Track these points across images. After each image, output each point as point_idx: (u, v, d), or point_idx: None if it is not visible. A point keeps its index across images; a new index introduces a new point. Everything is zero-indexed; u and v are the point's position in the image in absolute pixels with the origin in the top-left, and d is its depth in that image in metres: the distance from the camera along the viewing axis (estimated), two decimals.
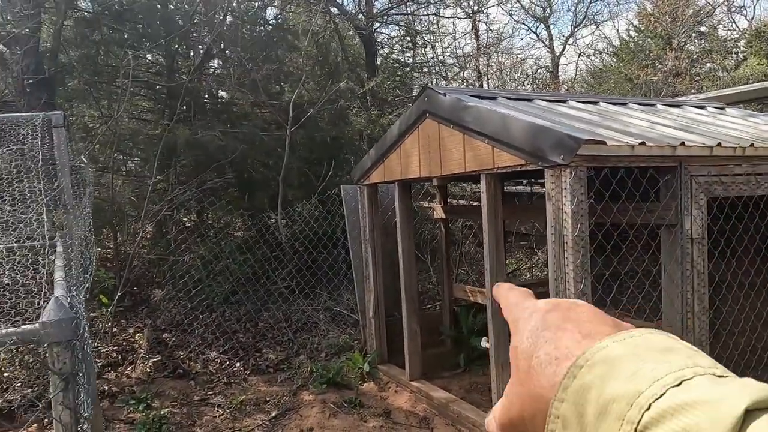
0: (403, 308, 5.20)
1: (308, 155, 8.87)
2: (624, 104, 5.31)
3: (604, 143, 3.17)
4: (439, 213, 6.11)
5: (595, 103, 5.10)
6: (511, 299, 0.56)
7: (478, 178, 4.15)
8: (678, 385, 0.36)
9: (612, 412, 0.37)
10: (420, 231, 7.58)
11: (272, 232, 7.06)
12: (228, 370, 5.68)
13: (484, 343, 5.37)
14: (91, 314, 6.90)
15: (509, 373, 0.50)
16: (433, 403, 4.82)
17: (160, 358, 5.79)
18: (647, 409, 0.35)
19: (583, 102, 4.90)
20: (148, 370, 5.59)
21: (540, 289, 6.12)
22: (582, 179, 3.25)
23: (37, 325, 2.13)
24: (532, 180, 7.48)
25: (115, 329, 6.54)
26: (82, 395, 2.33)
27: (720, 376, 0.36)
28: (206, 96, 10.09)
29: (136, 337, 6.31)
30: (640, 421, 0.35)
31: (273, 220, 7.72)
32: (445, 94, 4.26)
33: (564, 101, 4.86)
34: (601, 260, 4.76)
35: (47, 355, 2.16)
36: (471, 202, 8.60)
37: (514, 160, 3.65)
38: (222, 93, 10.28)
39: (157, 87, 8.71)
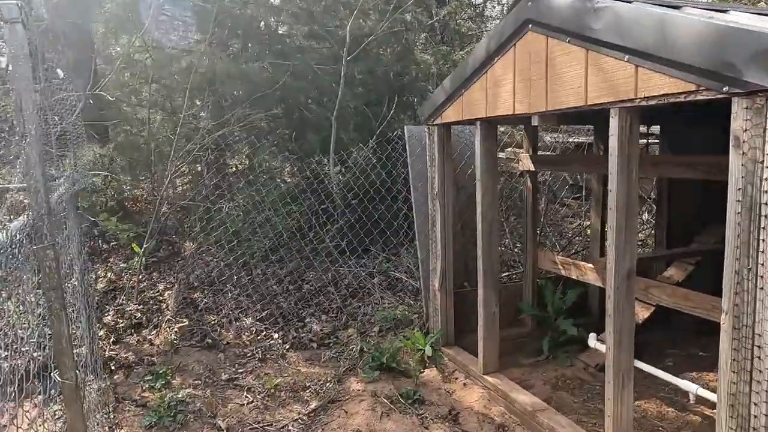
0: (479, 282, 4.09)
1: (367, 92, 7.69)
2: None
3: None
4: (525, 164, 4.87)
5: None
6: None
7: (591, 116, 2.92)
8: None
9: None
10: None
11: (322, 181, 6.03)
12: (264, 343, 4.80)
13: (593, 343, 4.20)
14: (121, 264, 6.18)
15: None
16: (514, 408, 3.75)
17: (187, 322, 4.98)
18: None
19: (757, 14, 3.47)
20: (173, 337, 4.79)
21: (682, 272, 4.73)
22: None
23: None
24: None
25: (144, 283, 5.80)
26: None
27: None
28: (261, 24, 8.99)
29: (166, 294, 5.53)
30: None
31: (326, 166, 6.69)
32: None
33: (724, 11, 3.44)
34: None
35: None
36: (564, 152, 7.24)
37: (675, 84, 2.38)
38: (277, 26, 9.17)
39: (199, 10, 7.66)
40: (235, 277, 5.56)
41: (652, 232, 6.82)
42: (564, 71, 3.00)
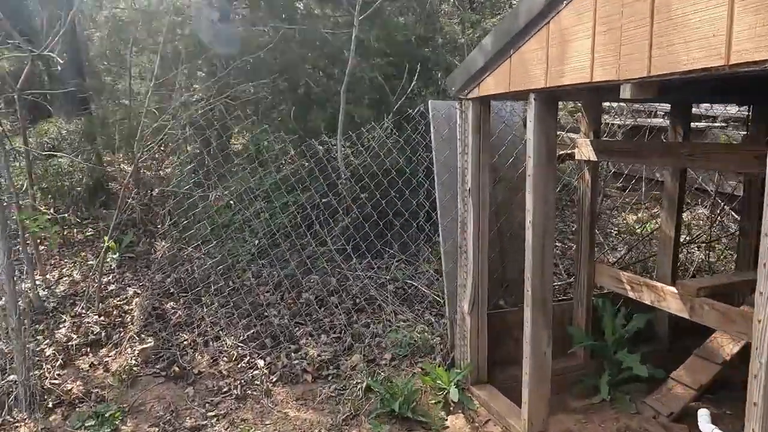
0: (527, 316, 3.02)
1: (383, 62, 6.57)
2: None
3: None
4: (585, 152, 3.76)
5: None
6: None
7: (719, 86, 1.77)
8: None
9: None
10: None
11: (325, 167, 4.97)
12: (246, 373, 3.81)
13: (704, 425, 3.05)
14: (90, 261, 5.24)
15: None
16: None
17: (152, 343, 4.01)
18: None
19: None
20: (133, 362, 3.83)
21: None
22: None
23: None
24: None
25: (112, 287, 4.84)
26: None
27: None
28: None
29: (134, 302, 4.57)
30: None
31: (333, 149, 5.64)
32: None
33: None
34: None
35: None
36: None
37: None
38: None
39: None
40: (217, 283, 4.57)
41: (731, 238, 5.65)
42: (688, 10, 1.89)
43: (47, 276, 5.06)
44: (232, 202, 5.31)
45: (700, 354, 3.90)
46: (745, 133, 5.67)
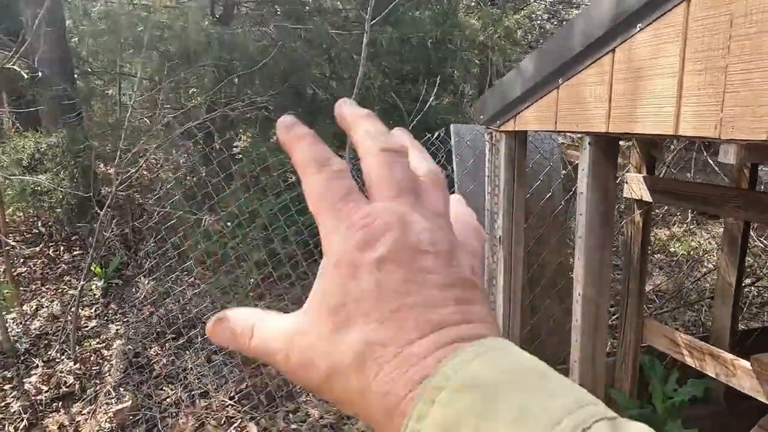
0: None
1: (398, 66, 5.99)
2: None
3: None
4: (636, 190, 3.17)
5: None
6: (333, 182, 0.34)
7: None
8: None
9: None
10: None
11: None
12: None
13: None
14: (70, 291, 4.75)
15: None
16: None
17: (130, 403, 3.50)
18: None
19: None
20: (107, 426, 3.33)
21: None
22: None
23: None
24: None
25: (92, 323, 4.35)
26: None
27: (612, 419, 0.28)
28: None
29: (116, 345, 4.07)
30: None
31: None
32: None
33: None
34: None
35: None
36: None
37: None
38: None
39: None
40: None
41: None
42: None
43: (24, 307, 4.58)
44: (229, 224, 4.79)
45: (765, 426, 3.34)
46: None
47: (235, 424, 3.42)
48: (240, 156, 5.58)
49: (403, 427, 0.29)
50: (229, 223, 4.78)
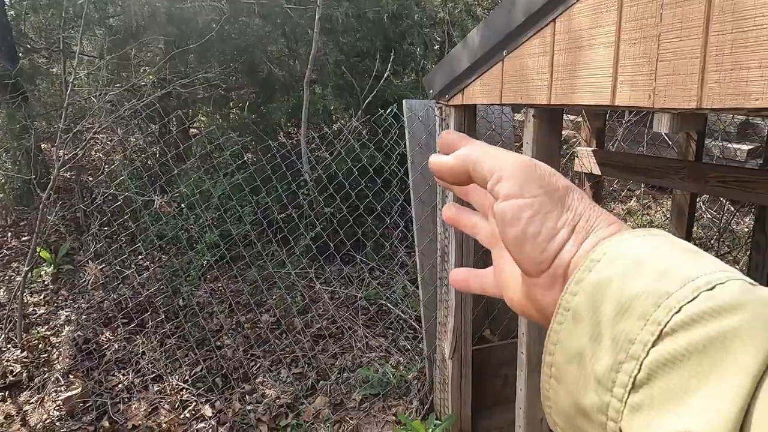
0: (520, 378, 2.50)
1: (355, 43, 5.89)
2: None
3: None
4: (586, 164, 3.19)
5: None
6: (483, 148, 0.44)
7: None
8: (711, 290, 0.31)
9: (634, 311, 0.33)
10: None
11: (288, 168, 4.33)
12: (189, 427, 3.25)
13: None
14: (17, 277, 4.58)
15: None
16: None
17: (80, 389, 3.41)
18: (677, 312, 0.31)
19: None
20: (56, 414, 3.24)
21: None
22: None
23: None
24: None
25: (41, 310, 4.22)
26: None
27: (752, 284, 0.32)
28: None
29: (65, 331, 3.96)
30: (668, 323, 0.31)
31: (294, 145, 4.98)
32: None
33: None
34: None
35: None
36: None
37: None
38: None
39: None
40: (166, 305, 3.97)
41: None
42: None
43: None
44: (183, 207, 4.67)
45: None
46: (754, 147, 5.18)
47: (190, 408, 3.37)
48: (194, 135, 5.43)
49: (563, 291, 0.37)
50: (182, 205, 4.67)
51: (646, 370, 0.32)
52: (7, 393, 3.48)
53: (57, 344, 3.81)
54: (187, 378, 3.54)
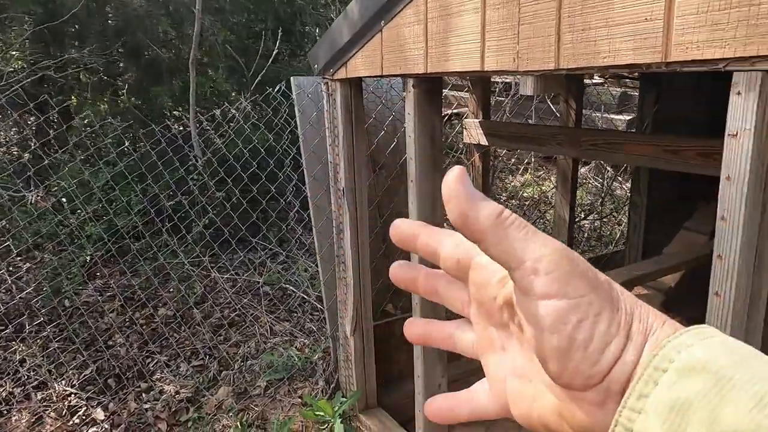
0: (417, 347, 2.54)
1: (246, 22, 5.69)
2: None
3: None
4: (474, 135, 3.28)
5: None
6: (509, 227, 0.34)
7: None
8: None
9: None
10: None
11: (176, 152, 4.11)
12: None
13: None
14: None
15: None
16: None
17: None
18: None
19: None
20: None
21: None
22: None
23: None
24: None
25: None
26: None
27: None
28: None
29: None
30: None
31: (181, 129, 4.74)
32: None
33: None
34: None
35: None
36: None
37: None
38: None
39: None
40: (44, 307, 3.66)
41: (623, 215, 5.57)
42: None
43: None
44: (62, 199, 4.32)
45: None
46: (632, 117, 5.53)
47: (80, 413, 3.14)
48: (70, 124, 5.03)
49: (621, 405, 0.31)
50: (62, 199, 4.33)
51: None
52: None
53: None
54: (74, 382, 3.30)
